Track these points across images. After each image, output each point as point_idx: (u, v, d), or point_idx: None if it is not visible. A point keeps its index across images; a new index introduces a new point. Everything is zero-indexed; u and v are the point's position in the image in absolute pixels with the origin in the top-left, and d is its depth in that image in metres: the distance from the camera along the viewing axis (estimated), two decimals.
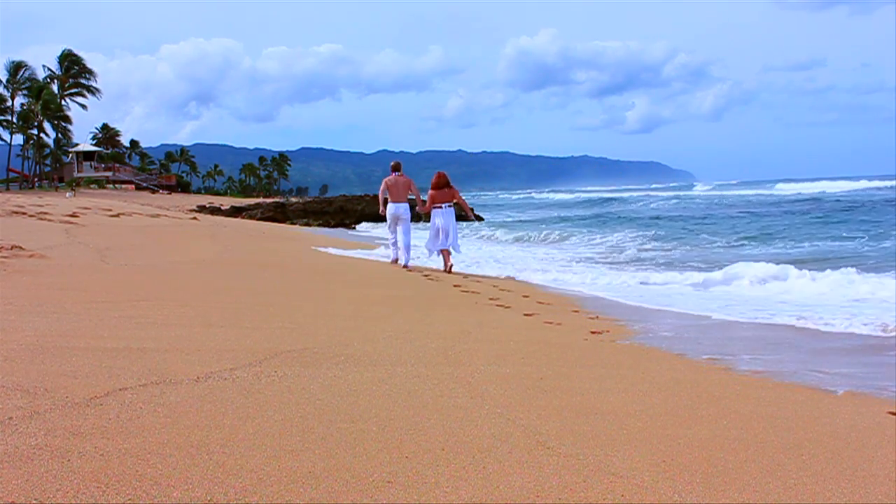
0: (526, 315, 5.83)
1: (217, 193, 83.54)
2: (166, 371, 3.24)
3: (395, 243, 10.92)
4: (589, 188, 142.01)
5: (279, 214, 33.19)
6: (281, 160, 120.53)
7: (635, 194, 66.66)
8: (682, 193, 62.96)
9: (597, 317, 5.99)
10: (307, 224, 30.07)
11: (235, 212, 35.42)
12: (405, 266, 10.54)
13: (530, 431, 2.67)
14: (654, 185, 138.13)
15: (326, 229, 26.44)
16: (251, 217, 32.11)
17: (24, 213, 16.22)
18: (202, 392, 2.95)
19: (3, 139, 62.02)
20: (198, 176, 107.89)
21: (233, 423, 2.59)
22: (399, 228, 10.78)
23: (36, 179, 63.40)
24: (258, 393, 2.99)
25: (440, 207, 10.81)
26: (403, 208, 10.86)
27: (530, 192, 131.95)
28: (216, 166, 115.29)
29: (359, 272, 9.76)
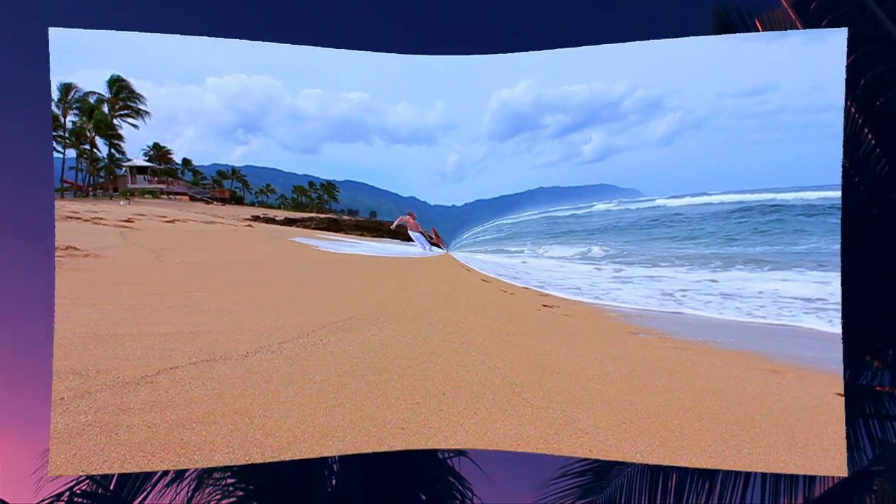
0: (483, 280, 5.91)
1: (271, 207, 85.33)
2: (217, 350, 3.24)
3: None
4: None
5: (333, 226, 33.78)
6: (329, 187, 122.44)
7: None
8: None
9: (547, 294, 5.94)
10: (362, 237, 30.55)
11: (290, 222, 36.13)
12: None
13: (507, 381, 2.87)
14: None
15: None
16: (306, 227, 32.74)
17: (78, 218, 16.78)
18: (250, 365, 2.94)
19: (57, 150, 64.67)
20: (251, 192, 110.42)
21: (276, 388, 2.60)
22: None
23: (90, 189, 65.96)
24: (303, 360, 2.99)
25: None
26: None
27: None
28: (268, 185, 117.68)
29: (401, 262, 9.87)
